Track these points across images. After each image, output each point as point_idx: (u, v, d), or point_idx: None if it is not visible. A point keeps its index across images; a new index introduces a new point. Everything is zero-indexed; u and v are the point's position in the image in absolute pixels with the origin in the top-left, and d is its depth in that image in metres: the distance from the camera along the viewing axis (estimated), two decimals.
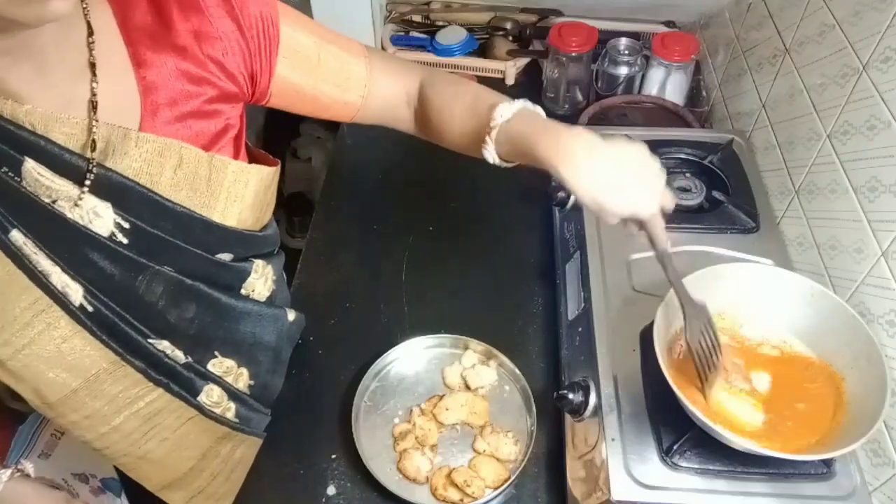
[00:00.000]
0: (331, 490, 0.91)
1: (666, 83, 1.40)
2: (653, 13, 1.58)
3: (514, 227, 1.24)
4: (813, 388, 0.80)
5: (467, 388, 0.99)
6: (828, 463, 0.76)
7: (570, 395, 0.85)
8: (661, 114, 1.39)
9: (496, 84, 1.56)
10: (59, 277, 0.65)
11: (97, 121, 0.63)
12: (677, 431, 0.77)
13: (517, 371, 0.98)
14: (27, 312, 0.65)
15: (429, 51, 1.57)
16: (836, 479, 0.76)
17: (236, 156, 0.76)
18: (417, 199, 1.30)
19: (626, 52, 1.39)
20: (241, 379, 0.87)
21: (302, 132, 2.02)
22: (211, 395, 0.82)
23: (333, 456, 0.94)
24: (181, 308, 0.75)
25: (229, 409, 0.85)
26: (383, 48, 1.58)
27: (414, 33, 1.63)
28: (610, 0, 1.54)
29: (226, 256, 0.78)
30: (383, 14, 1.63)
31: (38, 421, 0.88)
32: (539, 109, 0.80)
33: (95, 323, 0.69)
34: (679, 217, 1.03)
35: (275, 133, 1.90)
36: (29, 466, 0.77)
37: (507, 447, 0.92)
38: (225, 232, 0.75)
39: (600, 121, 1.38)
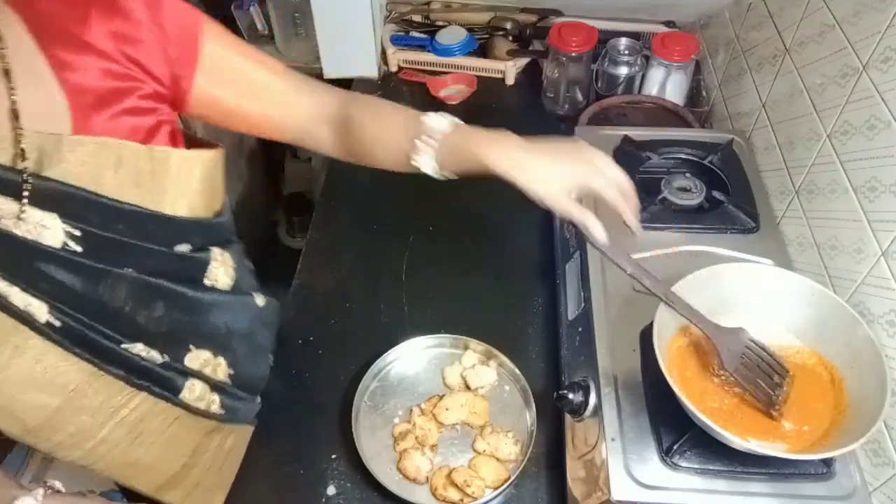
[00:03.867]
0: (331, 490, 0.91)
1: (666, 83, 1.40)
2: (653, 13, 1.58)
3: (514, 227, 1.24)
4: (813, 388, 0.81)
5: (467, 388, 0.99)
6: (828, 463, 0.76)
7: (570, 395, 0.85)
8: (661, 114, 1.39)
9: (496, 84, 1.56)
10: (19, 297, 0.64)
11: (22, 129, 0.61)
12: (677, 431, 0.77)
13: (517, 371, 0.98)
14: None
15: (429, 51, 1.57)
16: (836, 479, 0.75)
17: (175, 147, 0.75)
18: (417, 199, 1.30)
19: (626, 52, 1.39)
20: (219, 369, 0.86)
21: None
22: (193, 391, 0.81)
23: (333, 456, 0.94)
24: (149, 308, 0.74)
25: (214, 402, 0.85)
26: (383, 48, 1.58)
27: (414, 33, 1.63)
28: (610, 0, 1.54)
29: (184, 248, 0.76)
30: (383, 14, 1.63)
31: (25, 449, 0.86)
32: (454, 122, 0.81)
33: (66, 337, 0.67)
34: (679, 217, 1.03)
35: None
36: (58, 484, 0.74)
37: (507, 447, 0.92)
38: (179, 223, 0.74)
39: (600, 121, 1.38)
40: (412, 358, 1.03)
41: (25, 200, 0.62)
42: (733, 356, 0.77)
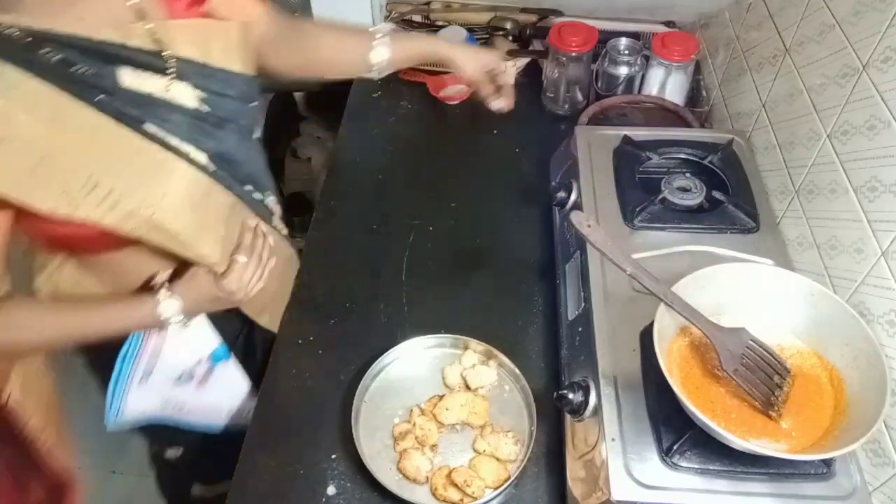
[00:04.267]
0: (331, 490, 0.91)
1: (666, 83, 1.40)
2: (653, 13, 1.58)
3: (514, 227, 1.24)
4: (813, 388, 0.81)
5: (467, 388, 0.99)
6: (828, 463, 0.76)
7: (570, 395, 0.85)
8: (661, 114, 1.39)
9: None
10: (187, 148, 0.82)
11: (145, 21, 0.78)
12: (677, 431, 0.77)
13: (517, 371, 0.98)
14: (181, 181, 0.81)
15: None
16: (836, 479, 0.76)
17: None
18: (417, 199, 1.30)
19: (626, 52, 1.39)
20: (279, 210, 1.06)
21: (302, 132, 2.02)
22: (277, 223, 1.05)
23: (333, 456, 0.94)
24: (247, 160, 0.92)
25: (284, 230, 1.08)
26: None
27: (414, 33, 1.63)
28: (610, 0, 1.54)
29: (255, 104, 0.93)
30: (383, 14, 1.63)
31: (138, 345, 0.95)
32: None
33: (218, 178, 0.87)
34: (679, 217, 1.03)
35: (275, 133, 1.90)
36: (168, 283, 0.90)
37: (507, 447, 0.92)
38: (254, 81, 0.91)
39: (600, 121, 1.38)
40: (412, 358, 1.03)
41: (173, 76, 0.81)
42: (733, 356, 0.77)
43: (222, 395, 1.06)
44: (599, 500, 0.77)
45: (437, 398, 0.97)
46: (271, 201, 1.03)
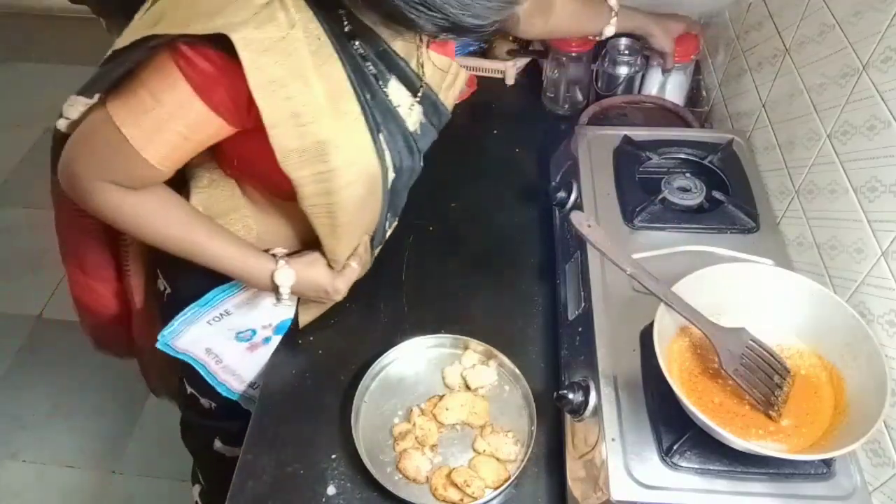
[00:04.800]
0: (331, 490, 0.91)
1: (666, 83, 1.40)
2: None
3: (514, 227, 1.24)
4: (813, 388, 0.81)
5: (467, 388, 0.99)
6: (828, 463, 0.76)
7: (570, 395, 0.85)
8: (661, 114, 1.39)
9: (496, 84, 1.56)
10: (390, 167, 0.88)
11: (421, 46, 0.88)
12: (677, 431, 0.77)
13: (517, 371, 0.98)
14: (371, 189, 0.88)
15: None
16: (836, 479, 0.76)
17: None
18: (417, 199, 1.29)
19: (626, 52, 1.39)
20: (384, 239, 1.09)
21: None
22: (376, 251, 1.06)
23: (333, 456, 0.94)
24: (402, 189, 0.99)
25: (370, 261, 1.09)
26: None
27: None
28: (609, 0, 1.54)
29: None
30: None
31: (226, 296, 1.00)
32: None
33: (385, 197, 0.92)
34: (679, 217, 1.03)
35: None
36: (280, 250, 0.96)
37: (507, 447, 0.92)
38: (449, 118, 0.99)
39: (600, 121, 1.38)
40: (412, 358, 1.03)
41: (419, 99, 0.90)
42: (733, 356, 0.77)
43: (257, 366, 1.09)
44: (599, 500, 0.77)
45: (437, 398, 0.97)
46: (387, 234, 1.08)
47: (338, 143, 0.79)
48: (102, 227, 1.01)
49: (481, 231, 1.24)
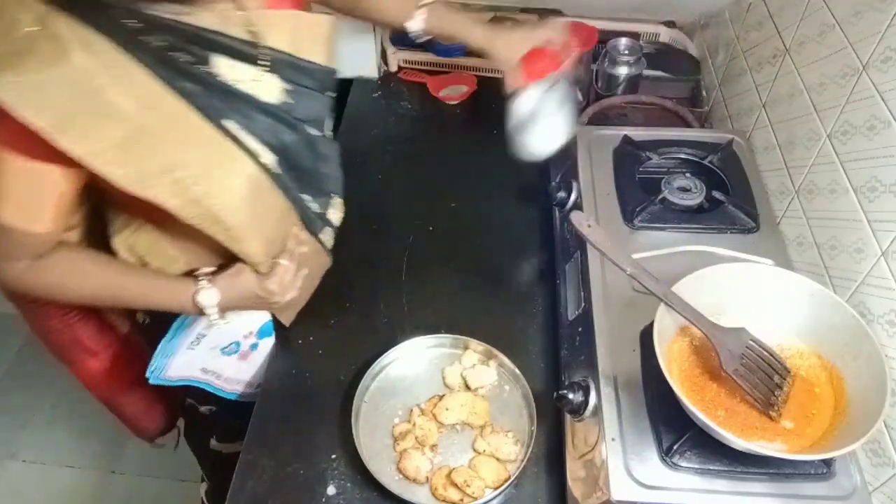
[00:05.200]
0: (331, 490, 0.91)
1: (537, 105, 1.39)
2: (653, 13, 1.58)
3: (514, 227, 1.24)
4: (813, 389, 0.81)
5: (467, 388, 0.99)
6: (828, 463, 0.76)
7: (570, 395, 0.85)
8: (661, 114, 1.39)
9: (496, 84, 1.54)
10: (257, 147, 0.82)
11: (243, 10, 0.78)
12: (677, 431, 0.77)
13: (517, 371, 0.98)
14: (246, 178, 0.82)
15: (429, 51, 1.56)
16: (836, 479, 0.76)
17: None
18: (417, 199, 1.30)
19: (626, 52, 1.39)
20: (338, 219, 1.05)
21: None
22: (325, 235, 1.02)
23: (333, 456, 0.94)
24: (314, 164, 0.92)
25: (330, 242, 1.06)
26: (383, 48, 1.58)
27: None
28: (610, 0, 1.54)
29: (331, 94, 0.92)
30: None
31: (192, 321, 1.00)
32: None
33: (280, 183, 0.87)
34: (679, 217, 1.03)
35: None
36: (207, 269, 0.92)
37: (507, 447, 0.92)
38: (332, 71, 0.90)
39: (600, 121, 1.38)
40: (412, 358, 1.03)
41: (266, 66, 0.81)
42: (733, 356, 0.77)
43: (259, 369, 1.09)
44: (599, 500, 0.77)
45: (437, 398, 0.97)
46: (333, 214, 1.03)
47: (174, 149, 0.76)
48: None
49: (481, 231, 1.24)
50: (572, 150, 1.17)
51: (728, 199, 1.04)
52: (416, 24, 1.05)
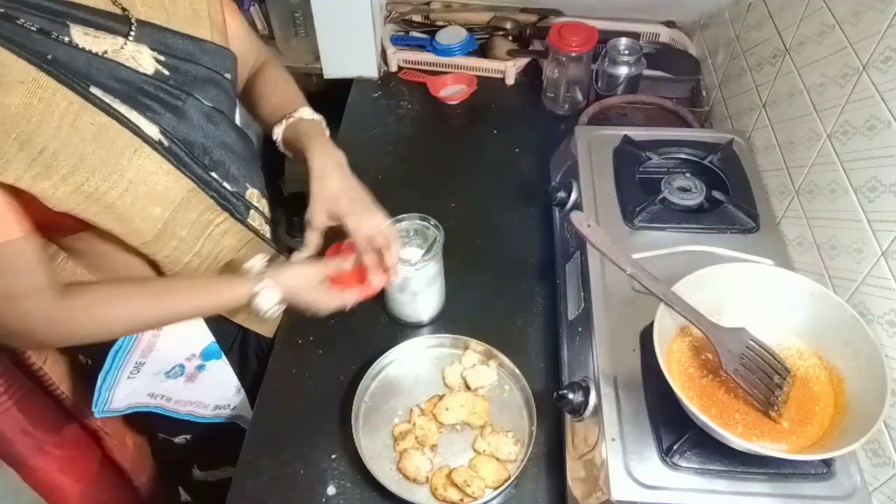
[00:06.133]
0: (331, 490, 0.91)
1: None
2: (653, 13, 1.58)
3: (514, 227, 1.24)
4: (813, 388, 0.81)
5: (467, 388, 0.99)
6: (828, 463, 0.76)
7: (570, 395, 0.85)
8: (661, 114, 1.39)
9: (496, 84, 1.56)
10: (137, 119, 0.78)
11: None
12: (677, 431, 0.77)
13: (517, 371, 0.98)
14: (125, 154, 0.77)
15: (429, 51, 1.56)
16: (836, 479, 0.76)
17: None
18: (417, 199, 1.29)
19: (626, 52, 1.39)
20: (265, 208, 1.02)
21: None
22: (255, 220, 0.98)
23: (333, 456, 0.94)
24: (215, 143, 0.88)
25: (267, 232, 1.02)
26: (383, 48, 1.58)
27: (414, 33, 1.63)
28: (610, 0, 1.54)
29: (229, 76, 0.91)
30: (383, 14, 1.63)
31: (130, 341, 0.96)
32: (323, 124, 1.01)
33: (173, 156, 0.81)
34: (679, 217, 1.03)
35: None
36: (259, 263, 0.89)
37: (507, 447, 0.92)
38: (223, 51, 0.89)
39: (600, 121, 1.38)
40: (412, 358, 1.03)
41: (131, 37, 0.78)
42: (733, 356, 0.77)
43: (210, 391, 1.07)
44: (599, 500, 0.77)
45: (437, 398, 0.97)
46: (254, 197, 0.98)
47: (23, 120, 0.69)
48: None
49: (481, 231, 1.24)
50: (572, 150, 1.17)
51: (728, 199, 1.04)
52: (277, 131, 0.99)
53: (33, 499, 1.85)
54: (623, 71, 1.39)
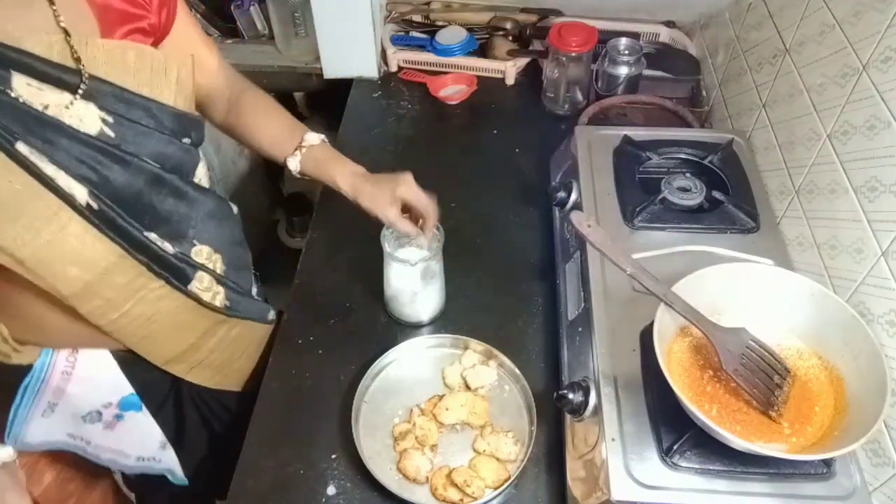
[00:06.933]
0: (331, 490, 0.91)
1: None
2: (653, 13, 1.58)
3: (514, 227, 1.24)
4: (813, 389, 0.81)
5: (467, 388, 0.99)
6: (828, 463, 0.76)
7: (570, 395, 0.85)
8: (661, 114, 1.39)
9: (496, 84, 1.56)
10: (64, 180, 0.74)
11: (69, 36, 0.72)
12: (677, 431, 0.77)
13: (517, 371, 0.98)
14: (43, 215, 0.74)
15: (429, 51, 1.57)
16: (836, 479, 0.76)
17: None
18: None
19: (626, 52, 1.39)
20: (218, 264, 0.96)
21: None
22: (202, 281, 0.93)
23: (333, 456, 0.94)
24: (161, 200, 0.85)
25: (219, 294, 0.97)
26: (383, 48, 1.58)
27: (414, 33, 1.63)
28: (610, 0, 1.54)
29: (188, 140, 0.88)
30: (383, 14, 1.63)
31: (43, 373, 0.94)
32: (327, 142, 1.06)
33: (101, 220, 0.78)
34: (679, 217, 1.03)
35: None
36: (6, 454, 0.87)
37: (507, 447, 0.92)
38: (184, 116, 0.86)
39: (600, 121, 1.38)
40: (412, 358, 1.03)
41: (79, 94, 0.74)
42: (733, 356, 0.77)
43: (131, 441, 1.04)
44: (599, 500, 0.77)
45: (437, 398, 0.97)
46: (203, 254, 0.93)
47: None
48: None
49: (481, 231, 1.24)
50: (572, 150, 1.17)
51: (728, 199, 1.04)
52: (294, 164, 1.02)
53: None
54: (623, 71, 1.39)
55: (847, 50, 0.91)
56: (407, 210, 0.99)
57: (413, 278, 1.02)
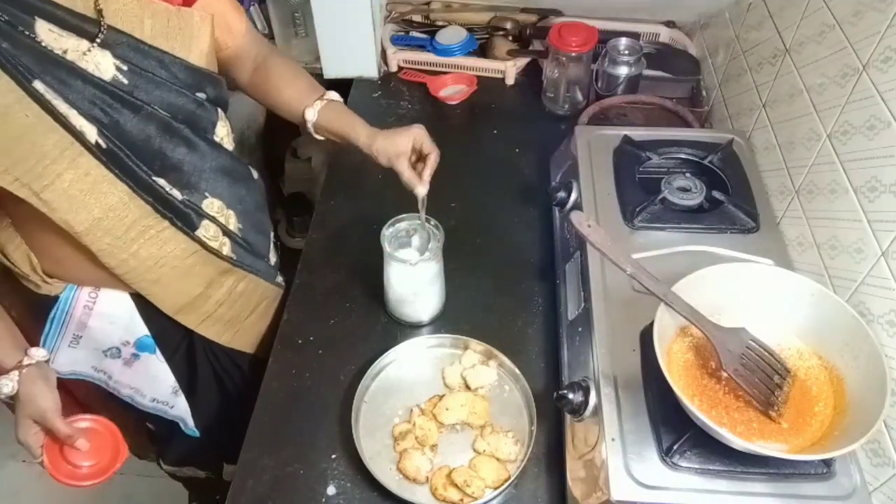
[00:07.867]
0: (331, 490, 0.91)
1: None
2: (653, 13, 1.58)
3: (514, 227, 1.24)
4: (813, 389, 0.81)
5: (467, 388, 0.99)
6: (828, 463, 0.76)
7: (570, 395, 0.85)
8: (661, 114, 1.39)
9: (496, 84, 1.56)
10: (76, 119, 0.79)
11: None
12: (677, 431, 0.77)
13: (517, 371, 0.98)
14: (54, 149, 0.78)
15: (429, 51, 1.56)
16: (836, 479, 0.76)
17: None
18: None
19: (626, 52, 1.39)
20: (231, 220, 1.01)
21: (302, 132, 2.02)
22: (208, 230, 0.97)
23: (333, 456, 0.94)
24: (173, 149, 0.89)
25: (225, 245, 1.01)
26: (383, 48, 1.58)
27: (414, 33, 1.63)
28: (610, 0, 1.54)
29: (202, 95, 0.92)
30: (383, 14, 1.63)
31: (68, 305, 1.00)
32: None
33: (109, 159, 0.83)
34: (679, 217, 1.03)
35: (275, 133, 1.90)
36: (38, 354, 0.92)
37: (507, 447, 0.92)
38: (199, 72, 0.90)
39: (600, 121, 1.38)
40: (412, 358, 1.03)
41: (97, 43, 0.79)
42: (733, 356, 0.77)
43: (147, 381, 1.09)
44: (599, 500, 0.77)
45: (437, 398, 0.97)
46: (214, 207, 0.98)
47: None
48: None
49: (481, 231, 1.24)
50: (572, 150, 1.17)
51: (728, 199, 1.04)
52: (312, 114, 1.06)
53: (33, 499, 1.86)
54: (623, 71, 1.39)
55: (847, 50, 0.91)
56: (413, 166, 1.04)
57: (413, 278, 1.02)
